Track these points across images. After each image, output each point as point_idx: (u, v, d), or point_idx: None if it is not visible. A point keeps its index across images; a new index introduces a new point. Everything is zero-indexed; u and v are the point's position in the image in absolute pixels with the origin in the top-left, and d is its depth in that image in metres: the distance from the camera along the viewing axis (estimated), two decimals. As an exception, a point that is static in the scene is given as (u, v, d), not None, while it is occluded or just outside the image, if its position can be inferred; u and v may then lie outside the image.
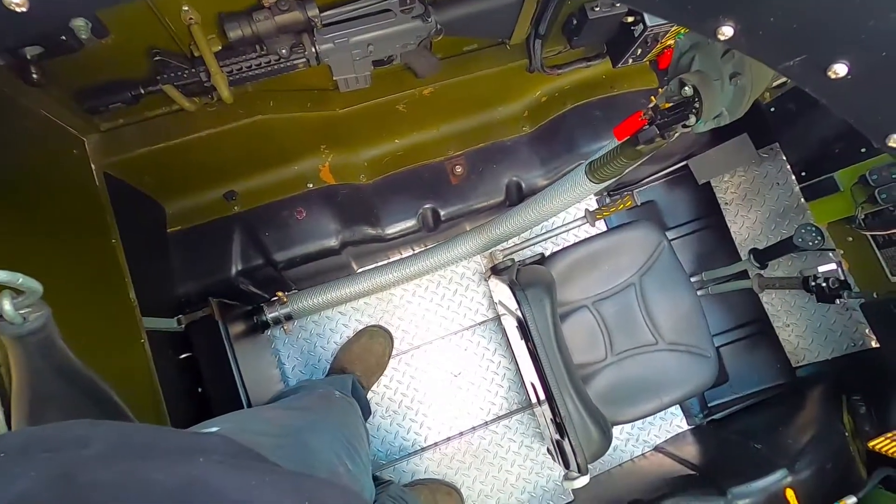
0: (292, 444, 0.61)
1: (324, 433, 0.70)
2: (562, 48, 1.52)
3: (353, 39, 1.14)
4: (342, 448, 0.70)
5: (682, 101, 0.89)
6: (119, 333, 1.00)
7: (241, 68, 1.09)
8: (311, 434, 0.66)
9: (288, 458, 0.56)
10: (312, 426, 0.69)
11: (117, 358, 0.99)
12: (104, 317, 0.99)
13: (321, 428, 0.71)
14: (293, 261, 1.43)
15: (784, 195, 1.90)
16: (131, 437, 0.36)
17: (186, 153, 1.23)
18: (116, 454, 0.34)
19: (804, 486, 1.37)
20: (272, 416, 0.72)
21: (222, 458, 0.36)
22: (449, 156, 1.61)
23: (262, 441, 0.57)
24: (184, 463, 0.35)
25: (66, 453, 0.34)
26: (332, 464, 0.63)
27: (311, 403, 0.94)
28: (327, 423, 0.76)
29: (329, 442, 0.68)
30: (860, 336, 1.78)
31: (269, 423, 0.66)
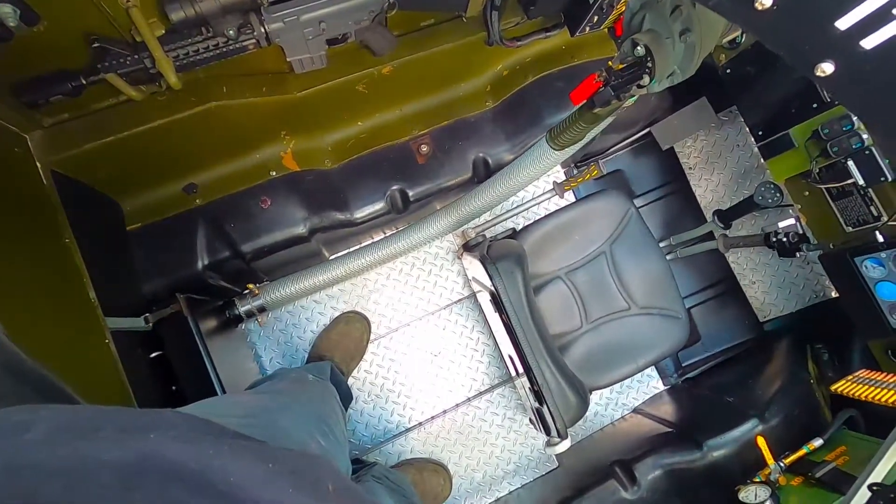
0: (261, 423, 0.60)
1: (295, 413, 0.69)
2: (519, 19, 1.51)
3: (303, 17, 1.11)
4: (314, 426, 0.69)
5: (636, 61, 0.89)
6: (81, 335, 0.97)
7: (188, 52, 1.05)
8: (281, 414, 0.66)
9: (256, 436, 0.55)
10: (283, 407, 0.69)
11: (81, 360, 0.96)
12: (63, 319, 0.96)
13: (292, 408, 0.71)
14: (261, 251, 1.40)
15: (744, 156, 1.95)
16: (76, 418, 0.35)
17: (139, 146, 1.19)
18: (60, 436, 0.33)
19: (774, 433, 1.44)
20: (241, 399, 0.71)
21: (177, 432, 0.36)
22: (414, 135, 1.59)
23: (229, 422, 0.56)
24: (135, 440, 0.34)
25: (6, 441, 0.32)
26: (303, 441, 0.63)
27: (283, 387, 0.93)
28: (299, 403, 0.76)
29: (301, 421, 0.68)
30: (821, 287, 1.85)
31: (236, 406, 0.65)
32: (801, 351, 1.68)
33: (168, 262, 1.32)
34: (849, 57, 0.34)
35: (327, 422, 0.74)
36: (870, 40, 0.33)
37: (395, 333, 1.70)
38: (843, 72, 0.35)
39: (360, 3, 1.14)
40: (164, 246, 1.31)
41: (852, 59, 0.34)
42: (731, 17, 0.39)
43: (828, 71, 0.36)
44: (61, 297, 0.98)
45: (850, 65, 0.34)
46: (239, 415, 0.61)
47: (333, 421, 0.80)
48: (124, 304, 1.18)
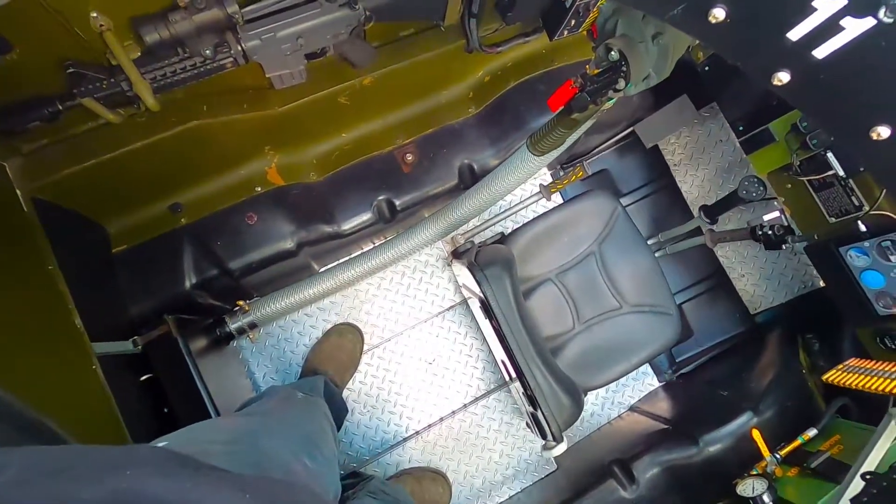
0: (244, 448, 0.60)
1: (279, 434, 0.69)
2: (498, 25, 1.52)
3: (280, 34, 1.11)
4: (300, 447, 0.69)
5: (610, 65, 0.90)
6: (67, 362, 0.96)
7: (165, 74, 1.05)
8: (265, 437, 0.65)
9: (239, 463, 0.55)
10: (267, 429, 0.68)
11: (69, 387, 0.95)
12: (48, 347, 0.95)
13: (277, 430, 0.70)
14: (249, 267, 1.40)
15: (728, 151, 1.97)
16: (49, 458, 0.34)
17: (121, 168, 1.18)
18: (34, 477, 0.32)
19: (768, 425, 1.45)
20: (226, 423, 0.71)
21: (154, 467, 0.35)
22: (398, 144, 1.60)
23: (212, 449, 0.56)
24: (111, 477, 0.34)
25: (-22, 485, 0.32)
26: (287, 463, 0.63)
27: (270, 407, 0.92)
28: (285, 423, 0.75)
29: (285, 442, 0.68)
30: (809, 278, 1.87)
31: (220, 432, 0.65)
32: (793, 342, 1.70)
33: (155, 282, 1.31)
34: (803, 66, 0.35)
35: (314, 441, 0.74)
36: (821, 50, 0.34)
37: (389, 343, 1.70)
38: (799, 80, 0.36)
39: (336, 18, 1.14)
40: (150, 267, 1.31)
41: (806, 69, 0.35)
42: (686, 31, 0.40)
43: (784, 80, 0.36)
44: (46, 325, 0.97)
45: (805, 73, 0.35)
46: (222, 441, 0.60)
47: (322, 439, 0.79)
48: (112, 327, 1.17)
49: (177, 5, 0.97)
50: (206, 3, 0.97)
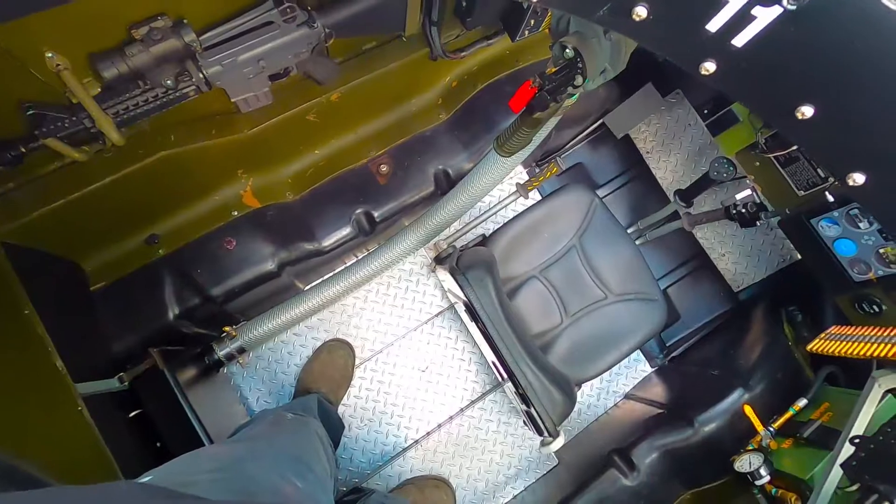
0: (230, 475, 0.60)
1: (267, 458, 0.69)
2: (459, 31, 1.54)
3: (241, 58, 1.12)
4: (290, 468, 0.69)
5: (567, 63, 0.92)
6: (51, 405, 0.95)
7: (128, 107, 1.04)
8: (252, 462, 0.65)
9: (225, 490, 0.55)
10: (255, 453, 0.68)
11: (54, 431, 0.94)
12: (30, 391, 0.94)
13: (265, 453, 0.70)
14: (232, 293, 1.39)
15: (697, 135, 2.00)
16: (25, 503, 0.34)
17: (92, 205, 1.17)
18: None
19: (759, 399, 1.47)
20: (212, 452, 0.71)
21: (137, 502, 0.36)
22: (372, 156, 1.60)
23: (197, 478, 0.56)
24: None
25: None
26: (276, 486, 0.63)
27: (258, 431, 0.92)
28: (273, 447, 0.75)
29: (273, 465, 0.67)
30: (786, 251, 1.91)
31: (206, 461, 0.64)
32: (776, 315, 1.73)
33: (138, 317, 1.30)
34: (725, 55, 0.36)
35: (305, 461, 0.74)
36: (739, 39, 0.35)
37: (380, 355, 1.69)
38: (724, 68, 0.37)
39: (296, 38, 1.15)
40: (131, 301, 1.29)
41: (728, 57, 0.36)
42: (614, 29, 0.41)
43: (710, 69, 0.38)
44: (26, 370, 0.96)
45: (728, 62, 0.36)
46: (207, 469, 0.60)
47: (313, 458, 0.79)
48: (96, 366, 1.16)
49: (133, 38, 0.97)
50: (162, 34, 0.98)
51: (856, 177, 0.38)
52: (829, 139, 0.37)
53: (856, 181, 0.38)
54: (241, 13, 1.09)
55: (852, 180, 0.38)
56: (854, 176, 0.38)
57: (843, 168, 0.39)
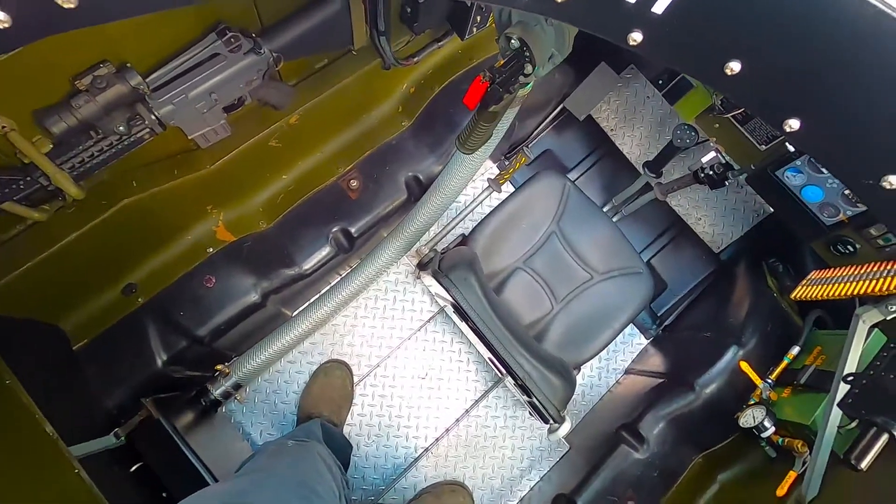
0: (232, 511, 0.59)
1: (270, 487, 0.68)
2: (408, 37, 1.54)
3: (191, 94, 1.11)
4: (293, 494, 0.68)
5: (514, 53, 0.93)
6: (46, 473, 0.92)
7: (83, 160, 1.03)
8: (256, 493, 0.64)
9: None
10: (258, 484, 0.67)
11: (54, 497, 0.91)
12: (23, 461, 0.91)
13: (268, 483, 0.69)
14: (219, 330, 1.38)
15: (656, 106, 2.04)
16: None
17: (61, 264, 1.15)
18: None
19: (754, 354, 1.50)
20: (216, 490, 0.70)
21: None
22: (340, 173, 1.60)
23: (200, 520, 0.55)
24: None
25: None
26: (280, 514, 0.62)
27: (261, 463, 0.91)
28: (275, 476, 0.74)
29: (277, 493, 0.67)
30: (759, 206, 1.95)
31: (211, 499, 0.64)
32: (758, 269, 1.76)
33: (125, 369, 1.27)
34: (648, 23, 0.37)
35: (309, 484, 0.73)
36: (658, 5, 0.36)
37: (378, 369, 1.69)
38: (650, 36, 0.38)
39: (244, 66, 1.14)
40: (116, 355, 1.27)
41: (652, 25, 0.37)
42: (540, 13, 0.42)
43: (638, 39, 0.39)
44: (16, 440, 0.93)
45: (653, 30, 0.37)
46: (210, 509, 0.59)
47: (317, 481, 0.78)
48: (89, 426, 1.13)
49: (77, 89, 0.96)
50: (106, 82, 0.96)
51: (791, 122, 0.39)
52: (761, 90, 0.38)
53: (792, 127, 0.39)
54: (185, 49, 1.08)
55: (788, 126, 0.40)
56: (790, 122, 0.39)
57: (778, 116, 0.40)
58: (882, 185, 0.38)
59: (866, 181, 0.38)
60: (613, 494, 1.43)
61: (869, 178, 0.38)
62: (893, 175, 0.37)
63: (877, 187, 0.38)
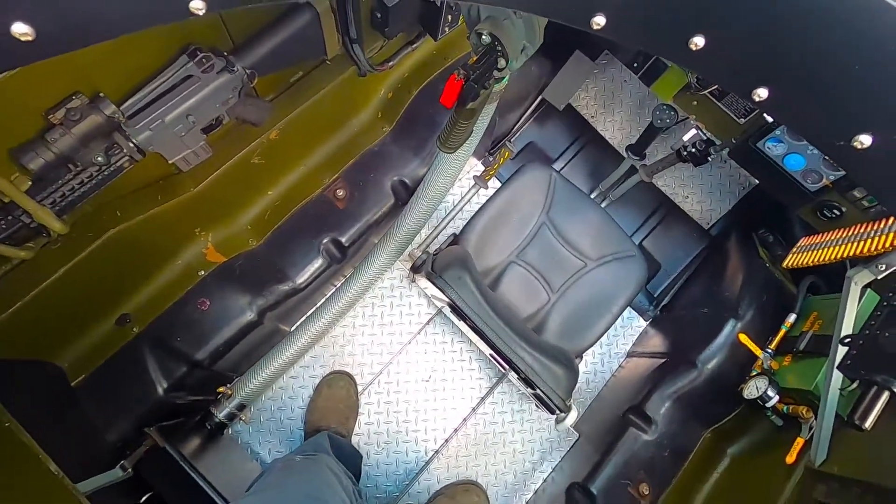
0: (243, 530, 0.59)
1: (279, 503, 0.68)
2: (381, 42, 1.54)
3: (168, 118, 1.10)
4: (303, 508, 0.68)
5: (486, 49, 0.93)
6: (55, 513, 0.91)
7: (64, 193, 1.02)
8: (265, 511, 0.64)
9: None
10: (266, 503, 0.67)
11: (64, 537, 0.90)
12: None
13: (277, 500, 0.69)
14: (218, 352, 1.37)
15: (634, 89, 2.05)
16: None
17: (52, 301, 1.14)
18: None
19: (752, 325, 1.51)
20: (227, 512, 0.69)
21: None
22: (326, 184, 1.60)
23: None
24: None
25: None
26: (292, 529, 0.62)
27: (269, 481, 0.90)
28: (285, 492, 0.74)
29: (285, 508, 0.67)
30: (744, 179, 1.96)
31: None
32: (749, 241, 1.78)
33: (126, 401, 1.26)
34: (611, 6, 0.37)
35: (319, 497, 0.73)
36: (618, -12, 0.36)
37: (381, 376, 1.68)
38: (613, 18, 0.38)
39: (219, 86, 1.14)
40: (116, 387, 1.26)
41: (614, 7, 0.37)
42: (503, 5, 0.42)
43: (601, 23, 0.39)
44: (22, 483, 0.92)
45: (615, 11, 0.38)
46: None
47: (327, 493, 0.78)
48: (94, 461, 1.12)
49: (52, 124, 0.95)
50: (80, 113, 0.96)
51: (759, 92, 0.40)
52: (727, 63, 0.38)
53: (761, 96, 0.40)
54: (158, 73, 1.07)
55: (757, 96, 0.40)
56: (758, 92, 0.40)
57: (747, 86, 0.40)
58: (853, 145, 0.38)
59: (838, 143, 0.39)
60: (626, 478, 1.43)
61: (840, 139, 0.39)
62: (863, 134, 0.38)
63: (849, 148, 0.39)
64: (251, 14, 1.17)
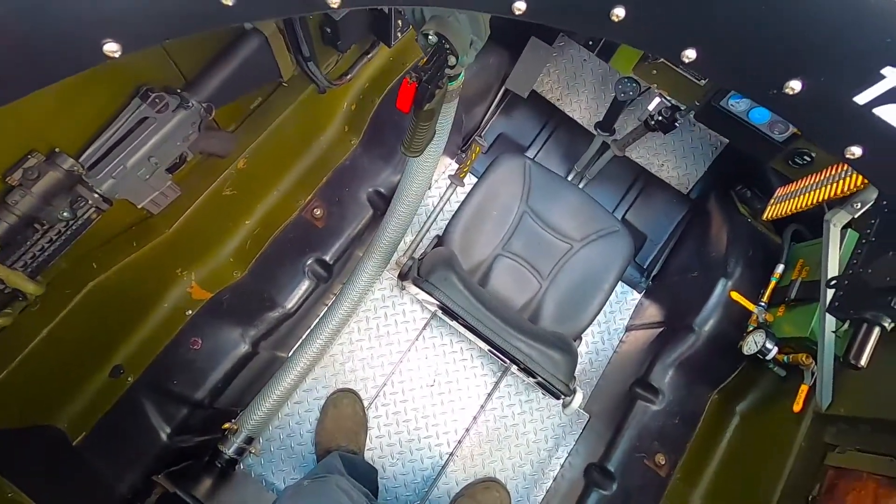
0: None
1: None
2: (336, 57, 1.54)
3: (129, 163, 1.09)
4: (314, 533, 0.68)
5: (435, 49, 0.93)
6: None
7: (34, 255, 1.00)
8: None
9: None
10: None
11: None
12: (44, 571, 0.89)
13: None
14: (217, 389, 1.35)
15: (594, 67, 2.06)
16: None
17: (40, 364, 1.12)
18: None
19: (742, 282, 1.52)
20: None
21: None
22: (302, 205, 1.59)
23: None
24: None
25: None
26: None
27: (281, 510, 0.90)
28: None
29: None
30: (715, 139, 1.98)
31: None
32: (728, 199, 1.79)
33: (131, 452, 1.25)
34: (527, -10, 0.38)
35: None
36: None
37: (385, 387, 1.68)
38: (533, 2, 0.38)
39: (176, 124, 1.13)
40: (119, 440, 1.24)
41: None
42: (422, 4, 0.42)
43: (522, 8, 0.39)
44: (33, 552, 0.91)
45: None
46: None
47: (339, 512, 0.78)
48: (106, 517, 1.11)
49: (10, 186, 0.94)
50: (38, 172, 0.94)
51: (688, 53, 0.40)
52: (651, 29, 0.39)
53: (690, 57, 0.40)
54: (112, 120, 1.06)
55: (687, 58, 0.40)
56: (686, 53, 0.40)
57: (675, 50, 0.40)
58: (785, 91, 0.39)
59: (772, 92, 0.39)
60: (641, 451, 1.43)
61: (772, 88, 0.39)
62: (793, 80, 0.38)
63: (782, 95, 0.39)
64: (198, 48, 1.16)
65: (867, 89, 0.37)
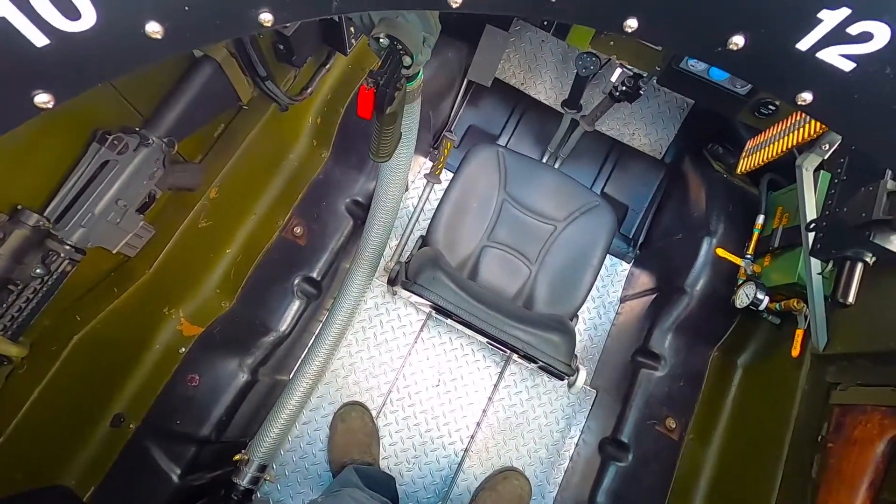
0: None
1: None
2: (294, 72, 1.52)
3: (97, 210, 1.07)
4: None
5: (387, 51, 0.92)
6: None
7: (12, 316, 0.98)
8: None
9: None
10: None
11: None
12: None
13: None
14: (222, 423, 1.34)
15: (553, 46, 2.06)
16: None
17: (37, 424, 1.10)
18: None
19: (726, 237, 1.54)
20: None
21: None
22: (281, 225, 1.57)
23: None
24: None
25: None
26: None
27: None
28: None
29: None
30: (681, 101, 1.99)
31: None
32: (702, 158, 1.81)
33: (144, 498, 1.23)
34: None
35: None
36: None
37: (392, 394, 1.67)
38: None
39: (139, 163, 1.11)
40: (129, 489, 1.22)
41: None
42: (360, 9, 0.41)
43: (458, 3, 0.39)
44: None
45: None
46: None
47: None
48: (128, 568, 1.09)
49: (-23, 250, 0.91)
50: (3, 232, 0.92)
51: (630, 23, 0.40)
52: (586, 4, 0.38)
53: (632, 26, 0.40)
54: (72, 169, 1.04)
55: (629, 27, 0.40)
56: (628, 23, 0.40)
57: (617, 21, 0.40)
58: (730, 48, 0.39)
59: (717, 49, 0.39)
60: (651, 418, 1.45)
61: (717, 46, 0.39)
62: (735, 35, 0.38)
63: (728, 52, 0.39)
64: (151, 82, 1.14)
65: (808, 34, 0.38)
